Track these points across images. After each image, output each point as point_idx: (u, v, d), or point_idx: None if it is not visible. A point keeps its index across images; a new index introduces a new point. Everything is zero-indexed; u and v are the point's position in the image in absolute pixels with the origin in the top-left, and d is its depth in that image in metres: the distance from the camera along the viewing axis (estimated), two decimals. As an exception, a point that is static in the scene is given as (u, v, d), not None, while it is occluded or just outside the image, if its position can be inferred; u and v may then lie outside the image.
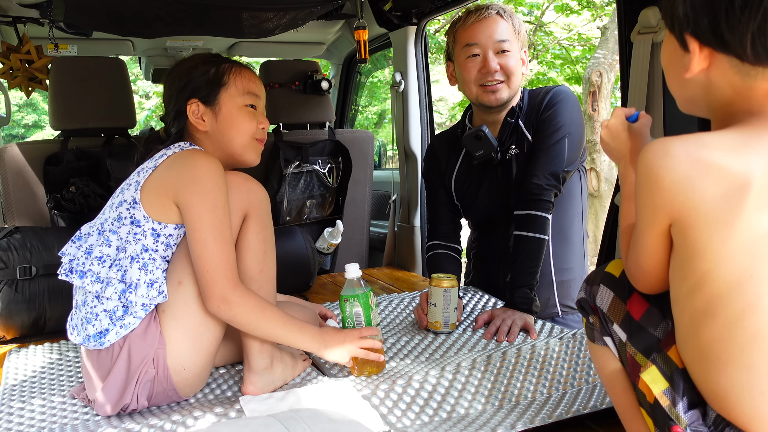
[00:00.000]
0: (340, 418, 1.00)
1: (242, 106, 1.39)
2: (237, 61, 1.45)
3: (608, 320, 0.96)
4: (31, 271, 1.79)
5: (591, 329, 1.02)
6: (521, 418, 1.20)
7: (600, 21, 6.66)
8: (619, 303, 0.94)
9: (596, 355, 1.02)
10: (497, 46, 1.75)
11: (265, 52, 3.51)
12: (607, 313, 0.96)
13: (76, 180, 2.15)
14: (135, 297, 1.23)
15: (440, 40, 7.34)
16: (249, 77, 1.43)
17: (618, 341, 0.95)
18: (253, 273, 1.32)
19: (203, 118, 1.38)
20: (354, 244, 2.78)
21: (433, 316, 1.69)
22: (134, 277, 1.24)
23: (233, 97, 1.39)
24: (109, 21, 2.22)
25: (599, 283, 0.98)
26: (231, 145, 1.39)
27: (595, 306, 0.98)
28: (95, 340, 1.24)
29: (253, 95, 1.41)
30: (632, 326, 0.92)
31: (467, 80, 1.80)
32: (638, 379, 0.87)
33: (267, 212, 1.37)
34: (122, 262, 1.25)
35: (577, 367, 1.42)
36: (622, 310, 0.94)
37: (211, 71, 1.39)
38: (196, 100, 1.37)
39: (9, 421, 1.27)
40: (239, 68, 1.42)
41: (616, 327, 0.95)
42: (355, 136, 2.74)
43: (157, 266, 1.26)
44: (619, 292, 0.95)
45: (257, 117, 1.42)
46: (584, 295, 1.01)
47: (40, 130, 11.61)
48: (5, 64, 2.58)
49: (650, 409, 0.86)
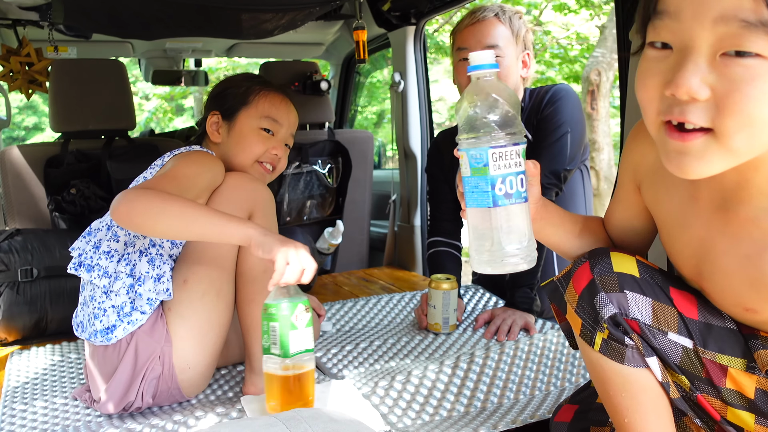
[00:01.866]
0: (341, 417, 1.00)
1: (257, 128, 1.42)
2: (275, 86, 1.47)
3: (656, 332, 0.81)
4: (32, 273, 1.80)
5: (622, 351, 0.82)
6: (522, 413, 1.20)
7: (599, 20, 6.66)
8: (665, 308, 0.81)
9: (626, 379, 0.84)
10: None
11: (265, 53, 3.51)
12: (653, 324, 0.80)
13: (77, 182, 2.15)
14: (143, 290, 1.24)
15: (439, 40, 7.34)
16: (275, 102, 1.44)
17: (679, 351, 0.81)
18: (257, 273, 1.33)
19: (219, 130, 1.43)
20: (354, 244, 2.78)
21: (432, 318, 1.69)
22: (143, 270, 1.25)
23: (251, 117, 1.42)
24: (108, 23, 2.22)
25: (622, 290, 0.81)
26: (234, 161, 1.42)
27: (632, 320, 0.81)
28: (102, 335, 1.24)
29: (272, 120, 1.43)
30: (698, 328, 0.80)
31: (460, 83, 1.81)
32: (724, 380, 0.79)
33: (272, 212, 1.38)
34: (131, 257, 1.26)
35: (575, 362, 1.43)
36: (673, 316, 0.80)
37: (242, 89, 1.43)
38: (218, 112, 1.43)
39: (12, 423, 1.27)
40: (269, 93, 1.44)
41: (674, 336, 0.80)
42: (354, 137, 2.75)
43: (164, 261, 1.27)
44: (654, 296, 0.81)
45: (270, 143, 1.43)
46: (615, 309, 0.80)
47: (41, 132, 11.61)
48: (5, 66, 2.58)
49: (751, 403, 0.79)
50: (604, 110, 5.34)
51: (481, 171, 0.83)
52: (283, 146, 1.46)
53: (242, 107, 1.42)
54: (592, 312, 0.82)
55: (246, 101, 1.43)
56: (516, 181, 0.82)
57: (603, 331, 0.82)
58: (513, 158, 0.82)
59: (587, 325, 0.84)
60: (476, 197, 0.84)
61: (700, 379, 0.82)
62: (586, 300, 0.83)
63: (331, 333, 1.78)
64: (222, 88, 1.47)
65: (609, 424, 1.00)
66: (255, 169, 1.44)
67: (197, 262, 1.28)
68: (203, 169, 1.29)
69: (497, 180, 0.82)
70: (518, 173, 0.82)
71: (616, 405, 0.86)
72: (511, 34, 1.76)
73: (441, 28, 7.21)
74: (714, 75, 0.64)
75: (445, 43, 7.32)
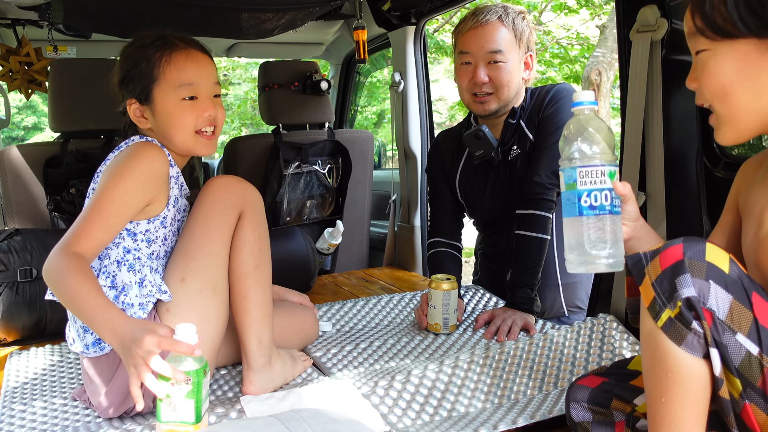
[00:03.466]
0: (341, 418, 1.00)
1: (177, 102, 1.31)
2: (172, 41, 1.34)
3: (726, 329, 0.82)
4: (31, 273, 1.79)
5: (684, 334, 0.84)
6: (522, 414, 1.20)
7: (599, 19, 6.66)
8: (743, 309, 0.82)
9: (677, 363, 0.85)
10: (489, 57, 1.72)
11: (264, 53, 3.51)
12: (726, 321, 0.82)
13: (76, 182, 2.15)
14: (129, 299, 1.23)
15: (439, 40, 7.34)
16: (180, 65, 1.31)
17: (742, 353, 0.82)
18: (249, 269, 1.33)
19: (144, 116, 1.35)
20: (354, 244, 2.78)
21: (432, 318, 1.69)
22: (125, 279, 1.24)
23: (165, 92, 1.31)
24: (108, 22, 2.22)
25: (707, 279, 0.82)
26: (173, 141, 1.34)
27: (707, 310, 0.82)
28: (95, 346, 1.24)
29: (188, 85, 1.31)
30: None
31: (461, 86, 1.80)
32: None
33: (261, 211, 1.39)
34: (109, 269, 1.26)
35: (575, 361, 1.43)
36: (747, 318, 0.82)
37: (143, 64, 1.31)
38: (134, 99, 1.34)
39: (11, 424, 1.27)
40: (170, 55, 1.31)
41: (742, 338, 0.82)
42: (354, 137, 2.74)
43: (143, 264, 1.27)
44: (736, 295, 0.82)
45: (198, 108, 1.33)
46: (694, 292, 0.82)
47: (40, 132, 11.61)
48: (4, 66, 2.58)
49: None
50: (605, 110, 5.34)
51: (571, 186, 1.02)
52: (212, 100, 1.35)
53: (152, 85, 1.31)
54: (670, 288, 0.84)
55: (152, 77, 1.30)
56: (600, 195, 1.00)
57: (674, 309, 0.84)
58: (598, 177, 1.00)
59: (659, 299, 0.85)
60: (567, 208, 1.02)
61: (754, 388, 0.83)
62: (667, 276, 0.84)
63: (331, 333, 1.77)
64: (124, 72, 1.33)
65: (632, 405, 1.02)
66: (198, 141, 1.34)
67: (194, 260, 1.28)
68: (133, 177, 1.23)
69: (583, 194, 1.00)
70: (602, 189, 1.00)
71: (657, 383, 0.87)
72: (514, 37, 1.74)
73: (441, 28, 7.21)
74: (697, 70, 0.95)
75: (445, 43, 7.32)
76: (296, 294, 1.73)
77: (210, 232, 1.30)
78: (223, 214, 1.31)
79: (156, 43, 1.32)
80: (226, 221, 1.32)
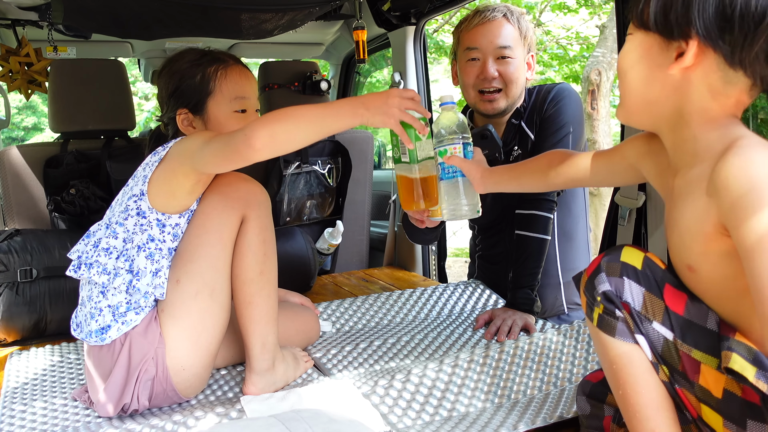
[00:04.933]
0: (341, 418, 1.00)
1: (230, 114, 1.38)
2: (223, 58, 1.41)
3: (644, 318, 0.90)
4: (31, 273, 1.79)
5: (614, 325, 0.92)
6: (522, 417, 1.20)
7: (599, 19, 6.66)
8: (655, 299, 0.89)
9: (616, 352, 0.93)
10: (498, 52, 1.73)
11: (264, 53, 3.51)
12: (641, 311, 0.90)
13: (76, 182, 2.15)
14: (141, 285, 1.23)
15: (439, 40, 7.34)
16: (236, 79, 1.39)
17: (660, 340, 0.89)
18: (253, 275, 1.31)
19: (193, 125, 1.39)
20: (354, 245, 2.78)
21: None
22: (141, 265, 1.24)
23: (220, 104, 1.37)
24: (108, 23, 2.22)
25: (621, 276, 0.91)
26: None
27: (624, 302, 0.91)
28: (97, 335, 1.24)
29: (241, 99, 1.39)
30: (679, 323, 0.88)
31: (466, 84, 1.79)
32: (698, 376, 0.85)
33: (267, 214, 1.35)
34: (129, 252, 1.25)
35: (575, 361, 1.43)
36: (659, 307, 0.89)
37: (198, 77, 1.38)
38: (185, 110, 1.38)
39: (11, 424, 1.27)
40: (225, 70, 1.39)
41: (657, 325, 0.89)
42: (354, 137, 2.74)
43: (162, 256, 1.26)
44: (648, 287, 0.90)
45: (247, 119, 1.38)
46: (609, 287, 0.91)
47: (40, 132, 11.62)
48: (4, 66, 2.58)
49: (719, 404, 0.84)
50: (604, 110, 5.34)
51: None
52: (256, 114, 1.42)
53: (208, 98, 1.37)
54: (592, 289, 0.94)
55: (208, 90, 1.37)
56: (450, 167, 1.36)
57: (599, 306, 0.93)
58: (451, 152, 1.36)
59: (589, 302, 0.95)
60: (441, 174, 1.38)
61: (677, 372, 0.89)
62: (590, 281, 0.95)
63: (331, 333, 1.77)
64: (176, 83, 1.40)
65: None
66: None
67: (189, 261, 1.27)
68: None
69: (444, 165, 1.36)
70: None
71: (612, 378, 0.95)
72: (520, 35, 1.75)
73: (441, 28, 7.21)
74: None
75: (445, 43, 7.31)
76: (297, 295, 1.73)
77: (208, 232, 1.28)
78: (223, 214, 1.29)
79: (207, 59, 1.40)
80: (227, 222, 1.29)
